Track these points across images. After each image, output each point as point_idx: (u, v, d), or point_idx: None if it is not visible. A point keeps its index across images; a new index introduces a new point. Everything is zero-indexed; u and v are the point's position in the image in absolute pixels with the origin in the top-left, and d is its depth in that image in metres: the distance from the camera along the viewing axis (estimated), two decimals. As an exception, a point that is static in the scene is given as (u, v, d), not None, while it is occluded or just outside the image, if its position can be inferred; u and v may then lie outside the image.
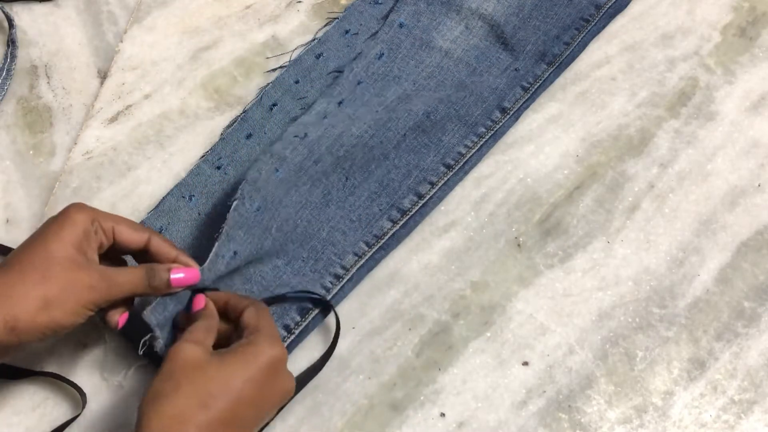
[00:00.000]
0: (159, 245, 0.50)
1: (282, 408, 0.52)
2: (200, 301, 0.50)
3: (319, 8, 0.72)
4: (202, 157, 0.63)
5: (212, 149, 0.63)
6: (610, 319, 0.58)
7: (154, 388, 0.43)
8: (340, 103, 0.64)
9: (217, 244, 0.54)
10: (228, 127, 0.65)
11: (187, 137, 0.65)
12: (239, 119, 0.65)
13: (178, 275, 0.49)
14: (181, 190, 0.61)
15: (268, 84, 0.67)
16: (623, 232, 0.61)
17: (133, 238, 0.50)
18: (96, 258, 0.48)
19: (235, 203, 0.56)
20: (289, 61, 0.68)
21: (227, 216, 0.56)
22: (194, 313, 0.49)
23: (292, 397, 0.49)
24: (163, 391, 0.42)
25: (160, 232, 0.58)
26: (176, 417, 0.41)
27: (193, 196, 0.61)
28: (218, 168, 0.62)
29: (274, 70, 0.68)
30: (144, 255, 0.51)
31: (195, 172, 0.62)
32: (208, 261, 0.53)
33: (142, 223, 0.59)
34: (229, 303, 0.50)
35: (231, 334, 0.49)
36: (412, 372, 0.56)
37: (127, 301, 0.50)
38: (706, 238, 0.61)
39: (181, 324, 0.50)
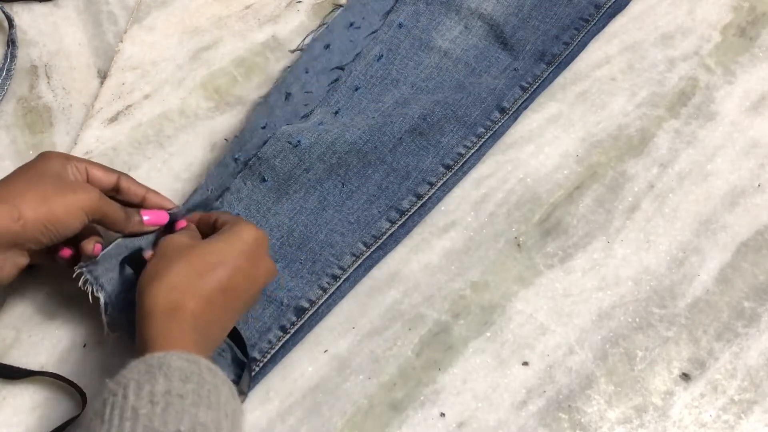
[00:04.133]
0: (129, 184, 0.55)
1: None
2: (182, 224, 0.54)
3: (319, 8, 0.72)
4: (229, 142, 0.64)
5: (237, 138, 0.63)
6: (610, 319, 0.58)
7: (149, 270, 0.47)
8: (336, 112, 0.64)
9: None
10: (251, 109, 0.65)
11: (187, 137, 0.65)
12: (259, 104, 0.65)
13: (147, 216, 0.55)
14: (207, 182, 0.61)
15: (288, 68, 0.67)
16: (623, 232, 0.61)
17: (105, 177, 0.54)
18: None
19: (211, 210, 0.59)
20: (302, 48, 0.69)
21: None
22: (178, 231, 0.53)
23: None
24: (158, 269, 0.46)
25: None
26: (175, 287, 0.45)
27: (213, 188, 0.61)
28: (236, 160, 0.61)
29: (293, 51, 0.69)
30: (115, 196, 0.55)
31: (221, 162, 0.62)
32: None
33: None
34: (200, 220, 0.54)
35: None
36: (412, 372, 0.56)
37: (96, 233, 0.54)
38: (706, 238, 0.61)
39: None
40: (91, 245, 0.53)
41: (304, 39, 0.69)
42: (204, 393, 0.40)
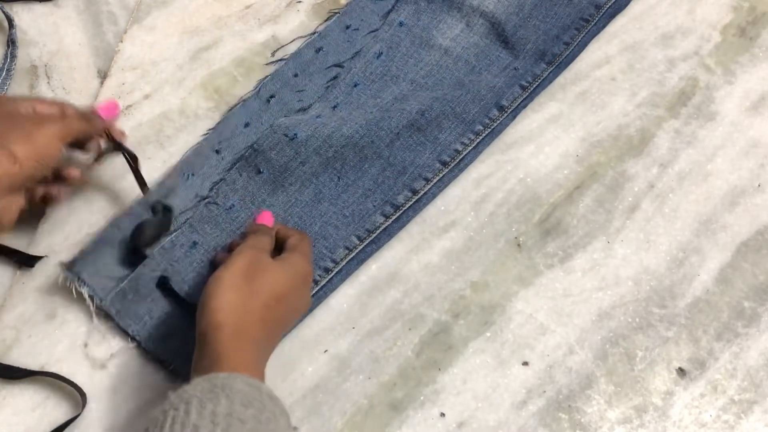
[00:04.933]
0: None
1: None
2: (268, 218, 0.56)
3: (319, 8, 0.72)
4: (204, 135, 0.64)
5: (214, 129, 0.64)
6: (610, 319, 0.58)
7: (221, 279, 0.48)
8: (334, 107, 0.65)
9: (175, 233, 0.58)
10: (228, 110, 0.65)
11: (187, 137, 0.65)
12: (238, 105, 0.65)
13: (102, 111, 0.58)
14: (183, 168, 0.62)
15: (267, 76, 0.67)
16: (623, 232, 0.61)
17: (50, 108, 0.55)
18: None
19: (206, 201, 0.60)
20: (289, 54, 0.68)
21: (195, 211, 0.59)
22: (259, 225, 0.55)
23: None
24: (229, 284, 0.48)
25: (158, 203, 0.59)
26: (244, 309, 0.47)
27: (193, 174, 0.61)
28: (217, 152, 0.62)
29: (274, 62, 0.68)
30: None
31: (197, 151, 0.63)
32: (160, 246, 0.57)
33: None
34: (279, 231, 0.56)
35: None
36: (412, 372, 0.56)
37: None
38: (706, 238, 0.61)
39: (234, 243, 0.57)
40: (75, 171, 0.57)
41: (274, 53, 0.69)
42: (263, 420, 0.41)
